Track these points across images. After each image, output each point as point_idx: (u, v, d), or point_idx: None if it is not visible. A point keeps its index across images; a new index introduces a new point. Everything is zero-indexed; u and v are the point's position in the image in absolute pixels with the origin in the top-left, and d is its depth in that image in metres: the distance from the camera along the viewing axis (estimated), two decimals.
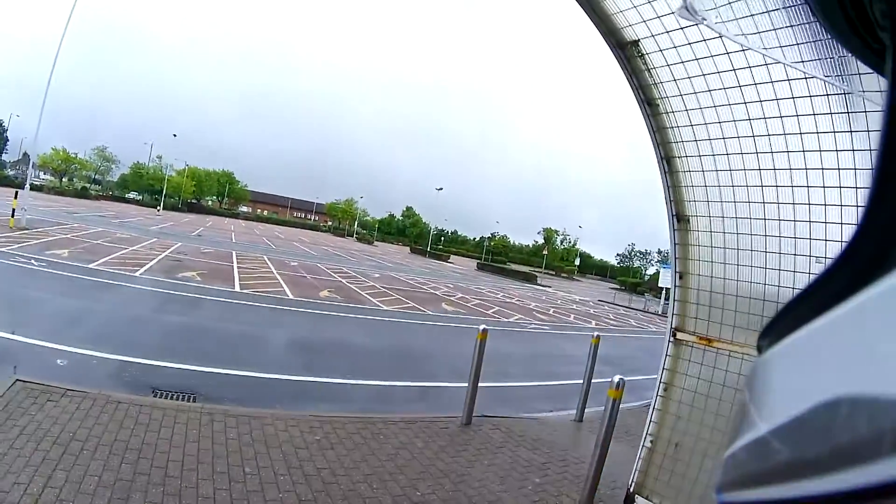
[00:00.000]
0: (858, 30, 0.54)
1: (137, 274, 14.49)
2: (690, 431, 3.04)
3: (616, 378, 4.99)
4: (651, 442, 3.09)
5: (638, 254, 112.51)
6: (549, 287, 50.49)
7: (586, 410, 8.08)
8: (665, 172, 3.20)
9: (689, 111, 2.76)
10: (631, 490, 3.09)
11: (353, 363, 9.55)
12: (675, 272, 3.27)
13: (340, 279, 23.92)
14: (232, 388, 7.05)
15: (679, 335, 3.11)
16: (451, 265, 62.27)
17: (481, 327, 6.79)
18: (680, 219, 3.20)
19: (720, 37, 2.31)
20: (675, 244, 3.23)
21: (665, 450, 3.12)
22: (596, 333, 8.23)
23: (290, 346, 9.99)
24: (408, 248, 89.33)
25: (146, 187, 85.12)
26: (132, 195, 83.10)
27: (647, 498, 3.05)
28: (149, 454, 4.45)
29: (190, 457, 4.54)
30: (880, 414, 0.24)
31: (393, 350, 11.25)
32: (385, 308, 17.12)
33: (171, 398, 6.11)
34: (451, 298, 24.22)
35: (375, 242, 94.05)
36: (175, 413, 5.34)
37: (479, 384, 6.80)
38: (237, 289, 15.32)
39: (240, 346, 9.27)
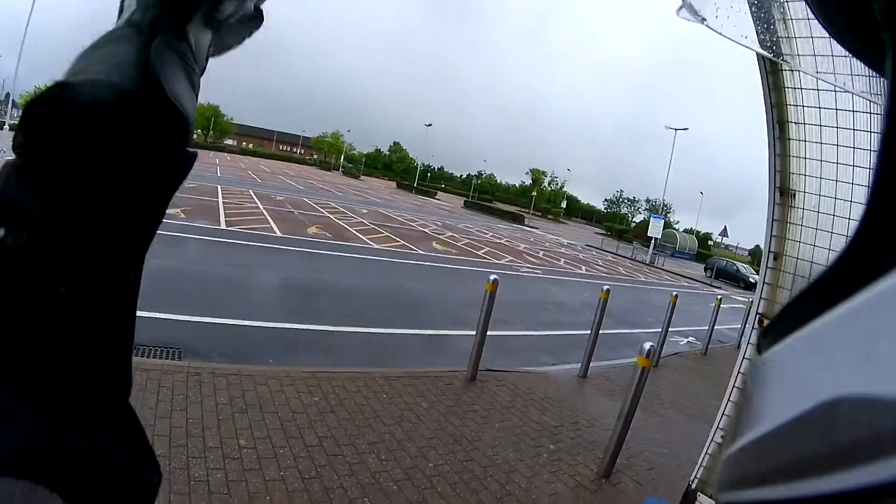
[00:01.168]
0: (858, 30, 0.49)
1: None
2: None
3: (647, 345, 4.57)
4: (722, 437, 2.64)
5: (626, 200, 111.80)
6: (537, 229, 50.22)
7: (591, 364, 7.70)
8: (774, 138, 2.70)
9: (819, 73, 2.22)
10: (693, 486, 2.66)
11: (346, 308, 9.06)
12: (769, 251, 2.80)
13: (328, 214, 23.32)
14: (220, 339, 6.53)
15: (766, 323, 2.62)
16: (437, 202, 61.68)
17: (491, 277, 6.25)
18: (783, 192, 2.72)
19: None
20: (772, 220, 2.76)
21: None
22: (605, 287, 7.75)
23: (279, 289, 9.45)
24: (394, 184, 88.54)
25: None
26: None
27: (711, 497, 2.63)
28: None
29: (178, 429, 4.04)
30: (880, 414, 0.23)
31: (386, 293, 10.74)
32: (375, 246, 16.64)
33: (155, 355, 5.58)
34: (441, 237, 23.79)
35: (362, 177, 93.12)
36: (160, 375, 4.81)
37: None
38: (223, 226, 14.66)
39: (227, 290, 8.69)
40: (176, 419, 4.17)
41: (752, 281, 36.20)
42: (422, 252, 17.62)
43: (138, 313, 0.44)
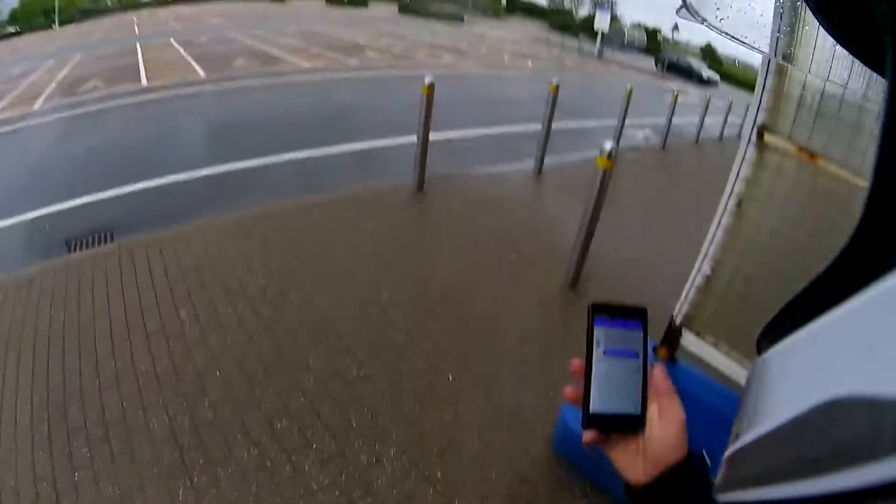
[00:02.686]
0: (858, 30, 0.47)
1: (36, 108, 12.02)
2: (769, 265, 2.00)
3: (607, 145, 4.00)
4: (711, 269, 2.14)
5: None
6: (478, 27, 46.82)
7: (545, 161, 7.12)
8: None
9: None
10: (678, 322, 2.28)
11: (276, 136, 8.27)
12: (775, 47, 1.67)
13: (255, 43, 21.29)
14: (151, 205, 5.96)
15: (767, 138, 1.88)
16: (371, 12, 56.96)
17: (426, 80, 5.44)
18: None
19: None
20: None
21: (730, 281, 2.19)
22: (555, 81, 6.86)
23: (205, 133, 8.55)
24: (323, 1, 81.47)
25: (42, 9, 73.12)
26: None
27: (698, 335, 2.24)
28: (73, 337, 3.47)
29: (118, 322, 3.60)
30: (880, 414, 0.23)
31: (318, 112, 9.86)
32: (305, 65, 15.32)
33: (87, 246, 5.03)
34: (376, 46, 22.04)
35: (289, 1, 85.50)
36: (92, 266, 4.26)
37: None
38: (144, 84, 13.24)
39: (150, 152, 7.81)
40: (115, 311, 3.73)
41: (706, 77, 34.04)
42: (356, 63, 16.29)
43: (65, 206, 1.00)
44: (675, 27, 39.10)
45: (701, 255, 2.18)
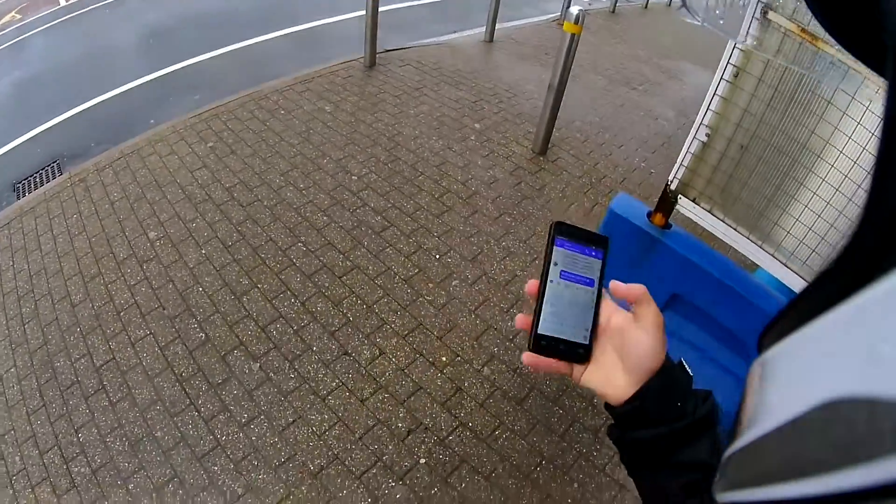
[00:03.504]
0: (858, 30, 0.40)
1: None
2: (762, 136, 1.82)
3: (575, 10, 3.47)
4: (707, 136, 1.92)
5: None
6: None
7: (496, 28, 6.17)
8: None
9: None
10: (672, 187, 2.04)
11: (213, 30, 7.10)
12: None
13: None
14: (97, 125, 5.16)
15: (770, 16, 1.69)
16: None
17: None
18: None
19: None
20: None
21: (725, 149, 1.91)
22: None
23: (138, 40, 7.28)
24: None
25: None
26: None
27: (694, 200, 2.04)
28: (43, 287, 3.02)
29: (85, 259, 3.13)
30: (880, 414, 0.21)
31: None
32: None
33: (36, 185, 4.34)
34: None
35: None
36: (46, 206, 3.66)
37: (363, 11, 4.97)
38: (62, 2, 11.64)
39: (84, 71, 6.66)
40: (79, 247, 3.24)
41: None
42: None
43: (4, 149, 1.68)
44: None
45: (697, 121, 1.95)
